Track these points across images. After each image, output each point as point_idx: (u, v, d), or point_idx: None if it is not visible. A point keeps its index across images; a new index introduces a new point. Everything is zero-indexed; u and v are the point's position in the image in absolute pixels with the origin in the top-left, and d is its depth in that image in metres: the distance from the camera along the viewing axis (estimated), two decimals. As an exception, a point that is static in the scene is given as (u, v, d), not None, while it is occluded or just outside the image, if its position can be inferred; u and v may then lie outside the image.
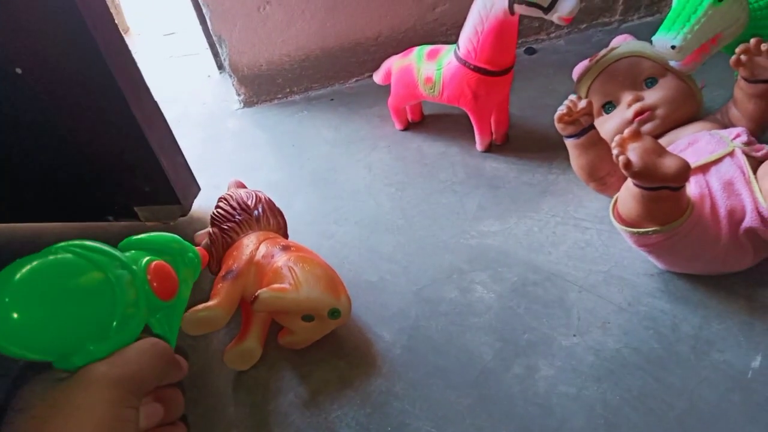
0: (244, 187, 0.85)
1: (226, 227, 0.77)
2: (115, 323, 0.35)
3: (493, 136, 0.96)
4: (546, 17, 0.75)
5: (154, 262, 0.40)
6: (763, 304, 0.68)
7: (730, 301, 0.69)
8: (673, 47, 0.72)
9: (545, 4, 0.74)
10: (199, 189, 0.98)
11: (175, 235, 0.45)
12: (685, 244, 0.65)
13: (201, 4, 1.04)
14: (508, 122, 0.96)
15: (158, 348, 0.36)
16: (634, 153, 0.59)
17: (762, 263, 0.69)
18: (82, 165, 0.90)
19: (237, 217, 0.77)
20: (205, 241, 0.80)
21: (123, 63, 0.81)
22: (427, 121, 1.06)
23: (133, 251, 0.41)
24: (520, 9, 0.77)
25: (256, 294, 0.64)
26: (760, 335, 0.65)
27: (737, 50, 0.69)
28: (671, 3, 0.75)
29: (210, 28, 1.07)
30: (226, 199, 0.80)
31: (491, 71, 0.85)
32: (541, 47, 1.14)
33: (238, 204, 0.78)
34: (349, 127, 1.08)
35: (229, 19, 1.05)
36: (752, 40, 0.68)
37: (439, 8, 1.08)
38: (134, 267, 0.38)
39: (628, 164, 0.58)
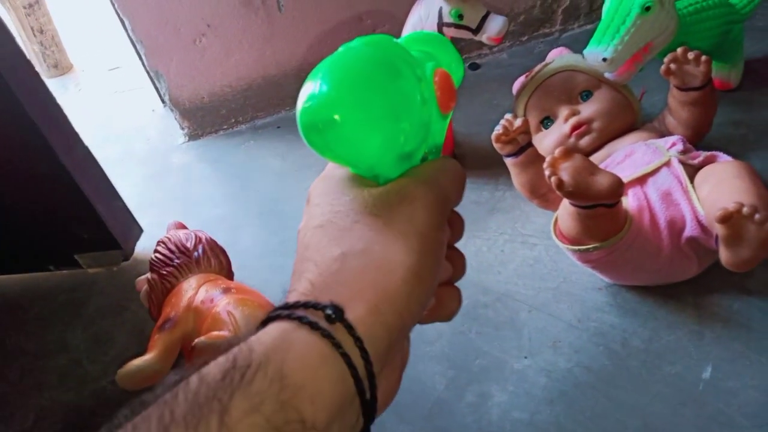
0: (184, 228, 0.82)
1: (165, 272, 0.74)
2: (419, 131, 0.32)
3: None
4: (476, 38, 0.75)
5: (440, 70, 0.34)
6: (711, 312, 0.68)
7: (679, 310, 0.69)
8: (604, 59, 0.72)
9: (473, 26, 0.74)
10: (141, 231, 0.95)
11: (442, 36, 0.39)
12: (627, 258, 0.65)
13: (134, 41, 1.02)
14: (452, 142, 0.95)
15: (458, 168, 0.34)
16: (566, 172, 0.58)
17: (709, 270, 0.69)
18: (16, 217, 0.87)
19: (176, 261, 0.75)
20: (145, 288, 0.77)
21: (48, 115, 0.78)
22: (374, 143, 1.05)
23: (418, 47, 0.35)
24: (449, 31, 0.76)
25: (194, 344, 0.62)
26: (710, 344, 0.65)
27: (666, 60, 0.69)
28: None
29: (145, 64, 1.04)
30: (164, 243, 0.77)
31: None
32: (485, 62, 1.14)
33: (177, 247, 0.76)
34: (296, 155, 1.06)
35: (164, 53, 1.03)
36: (679, 49, 0.68)
37: (378, 29, 1.07)
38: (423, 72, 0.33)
39: (560, 184, 0.58)
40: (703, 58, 0.67)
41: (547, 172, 0.59)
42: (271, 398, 0.23)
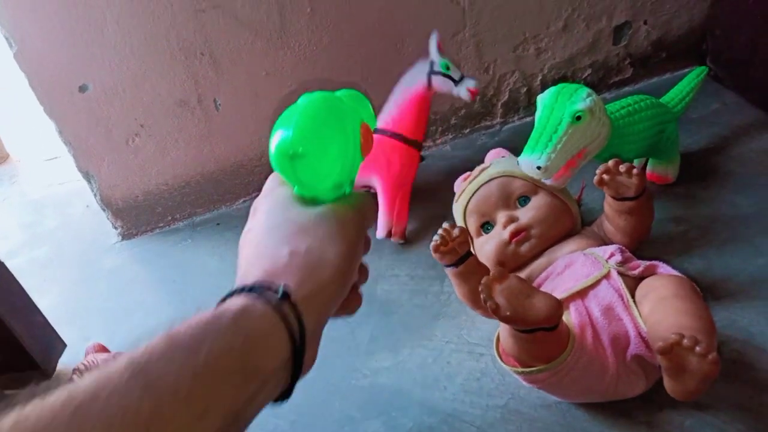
0: (105, 350, 0.76)
1: (78, 405, 0.68)
2: (351, 167, 0.41)
3: (393, 231, 0.94)
4: (455, 90, 0.88)
5: (365, 124, 0.42)
6: (663, 431, 0.64)
7: (630, 429, 0.65)
8: (539, 168, 0.71)
9: (456, 78, 0.88)
10: (64, 346, 0.88)
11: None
12: (573, 378, 0.61)
13: (63, 143, 0.98)
14: (407, 217, 0.95)
15: (374, 202, 0.46)
16: (501, 296, 0.55)
17: (659, 385, 0.66)
18: None
19: (91, 391, 0.68)
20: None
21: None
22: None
23: (348, 101, 0.43)
24: (436, 80, 0.89)
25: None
26: (664, 469, 0.61)
27: (598, 171, 0.68)
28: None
29: (75, 165, 1.00)
30: (79, 371, 0.71)
31: (408, 139, 0.92)
32: (429, 154, 1.13)
33: (93, 375, 0.69)
34: (235, 255, 1.00)
35: (95, 155, 0.99)
36: (611, 162, 0.68)
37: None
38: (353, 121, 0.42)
39: (496, 309, 0.55)
40: (635, 170, 0.66)
41: (482, 296, 0.56)
42: (238, 346, 0.32)
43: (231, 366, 0.31)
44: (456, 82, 0.89)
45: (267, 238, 0.38)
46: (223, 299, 0.35)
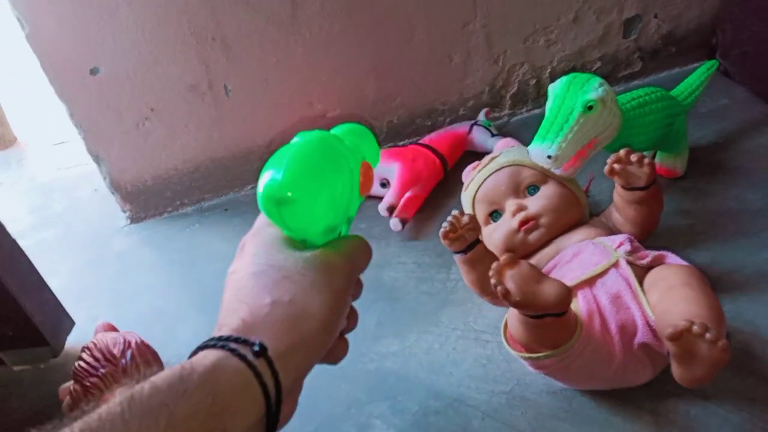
0: (113, 329, 0.77)
1: (88, 383, 0.68)
2: (345, 210, 0.40)
3: (396, 212, 0.94)
4: (490, 140, 1.01)
5: (365, 163, 0.41)
6: (668, 419, 0.65)
7: (635, 417, 0.66)
8: (549, 157, 0.71)
9: (494, 132, 1.03)
10: (72, 324, 0.89)
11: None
12: (579, 365, 0.62)
13: (74, 125, 0.98)
14: (414, 211, 0.96)
15: (368, 246, 0.41)
16: (511, 281, 0.56)
17: (665, 373, 0.66)
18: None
19: (101, 370, 0.69)
20: (66, 400, 0.71)
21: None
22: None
23: (350, 139, 0.42)
24: (476, 129, 1.04)
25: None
26: (668, 455, 0.62)
27: (609, 161, 0.69)
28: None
29: (85, 148, 1.00)
30: (89, 349, 0.71)
31: (438, 152, 0.99)
32: (437, 143, 1.14)
33: (102, 354, 0.70)
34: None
35: (105, 138, 0.99)
36: (622, 151, 0.68)
37: (329, 114, 1.06)
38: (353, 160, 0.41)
39: (506, 294, 0.55)
40: (646, 160, 0.67)
41: (492, 281, 0.57)
42: (206, 408, 0.30)
43: (195, 431, 0.29)
44: (492, 136, 1.03)
45: (250, 282, 0.37)
46: (197, 350, 0.34)
